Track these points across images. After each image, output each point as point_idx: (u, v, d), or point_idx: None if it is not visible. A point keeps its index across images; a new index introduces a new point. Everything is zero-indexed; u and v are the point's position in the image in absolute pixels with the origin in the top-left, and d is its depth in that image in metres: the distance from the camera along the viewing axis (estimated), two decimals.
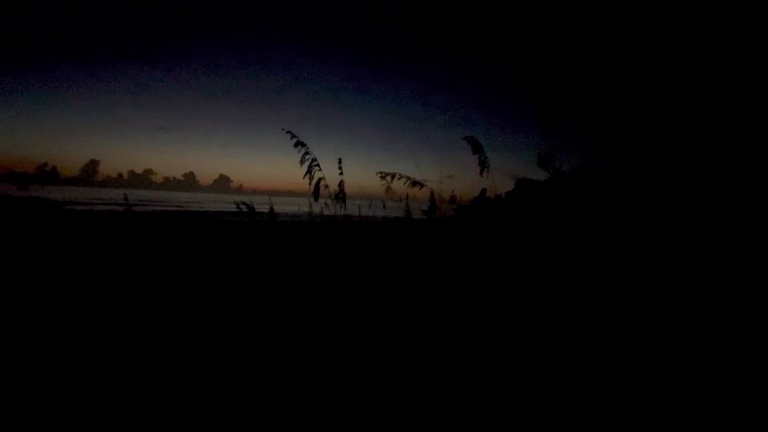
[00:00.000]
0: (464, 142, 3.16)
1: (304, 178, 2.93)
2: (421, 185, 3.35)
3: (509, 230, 3.22)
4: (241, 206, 3.51)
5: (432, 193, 3.51)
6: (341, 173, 3.05)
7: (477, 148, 3.12)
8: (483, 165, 3.14)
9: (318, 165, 2.95)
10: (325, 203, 3.13)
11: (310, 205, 3.26)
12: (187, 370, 1.65)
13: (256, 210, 3.59)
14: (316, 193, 2.95)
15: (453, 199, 3.86)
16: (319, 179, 2.96)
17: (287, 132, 2.93)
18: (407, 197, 3.66)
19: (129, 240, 3.26)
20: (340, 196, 3.04)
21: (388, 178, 3.29)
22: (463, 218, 3.74)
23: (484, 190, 3.72)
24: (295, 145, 2.92)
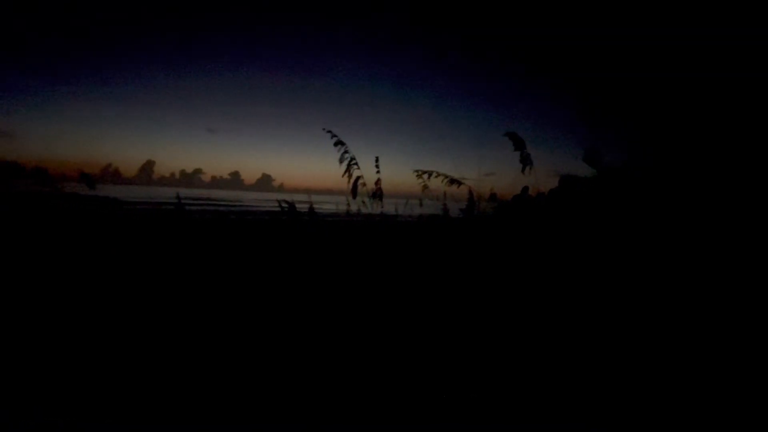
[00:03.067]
0: (505, 138, 3.07)
1: (342, 176, 2.98)
2: (459, 183, 3.29)
3: (552, 229, 3.08)
4: (283, 204, 3.63)
5: (470, 191, 3.44)
6: (378, 171, 3.08)
7: (518, 144, 3.02)
8: (525, 162, 3.02)
9: (356, 164, 3.00)
10: (363, 201, 3.17)
11: (348, 204, 3.31)
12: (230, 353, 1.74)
13: (297, 208, 3.70)
14: (354, 192, 3.00)
15: (492, 197, 3.76)
16: (357, 178, 3.00)
17: (327, 131, 2.99)
18: (444, 196, 3.62)
19: (180, 236, 3.48)
20: (377, 194, 3.07)
21: (425, 177, 3.26)
22: (503, 217, 3.63)
23: (525, 188, 3.59)
24: (335, 144, 2.98)
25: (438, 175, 3.25)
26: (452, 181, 3.26)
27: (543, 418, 1.46)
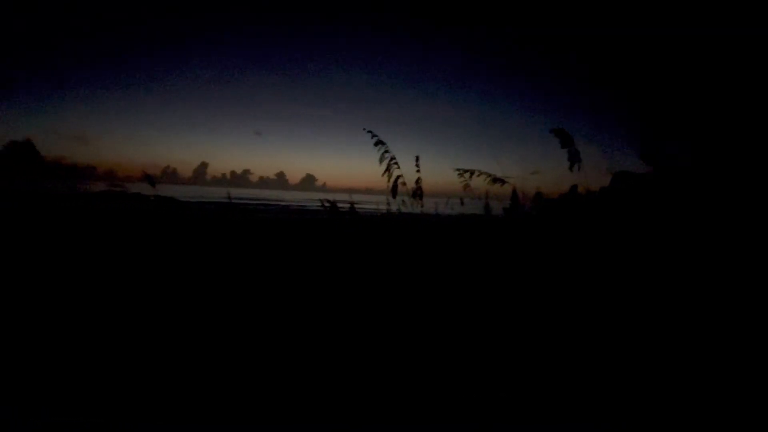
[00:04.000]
0: (552, 134, 2.94)
1: (383, 175, 3.01)
2: (502, 182, 3.20)
3: (604, 230, 2.90)
4: (325, 204, 3.74)
5: (514, 190, 3.33)
6: (418, 171, 3.07)
7: (566, 141, 2.87)
8: (573, 159, 2.88)
9: (396, 163, 3.01)
10: (403, 201, 3.18)
11: (388, 203, 3.33)
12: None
13: (338, 207, 3.79)
14: (394, 191, 3.02)
15: (538, 196, 3.62)
16: (398, 177, 3.02)
17: (368, 132, 3.04)
18: (487, 195, 3.53)
19: (230, 234, 3.69)
20: (417, 193, 3.06)
21: (467, 175, 3.21)
22: (550, 216, 3.48)
23: (574, 187, 3.40)
24: (375, 144, 3.02)
25: (480, 173, 3.19)
26: (495, 179, 3.18)
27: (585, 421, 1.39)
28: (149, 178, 3.47)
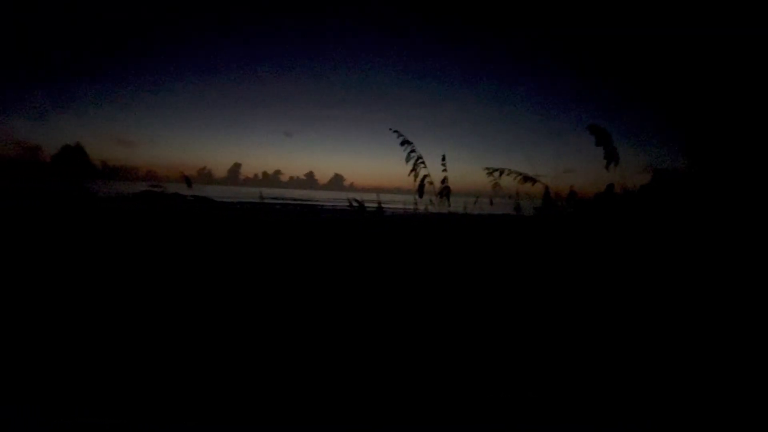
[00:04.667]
0: (587, 132, 2.81)
1: (409, 175, 3.00)
2: (534, 181, 3.10)
3: (644, 231, 2.75)
4: (352, 203, 3.77)
5: (546, 189, 3.21)
6: (445, 170, 3.03)
7: (602, 139, 2.74)
8: (610, 157, 2.74)
9: (423, 162, 2.99)
10: (430, 200, 3.15)
11: (415, 202, 3.31)
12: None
13: (366, 206, 3.81)
14: (420, 190, 3.00)
15: (572, 195, 3.47)
16: (424, 176, 2.99)
17: (394, 131, 3.03)
18: (517, 194, 3.44)
19: (262, 233, 3.80)
20: (444, 192, 3.03)
21: (496, 174, 3.13)
22: (584, 216, 3.33)
23: (610, 186, 3.24)
24: (402, 144, 3.01)
25: (510, 172, 3.10)
26: (526, 178, 3.09)
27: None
28: (186, 179, 3.63)
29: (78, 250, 2.95)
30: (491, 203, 3.82)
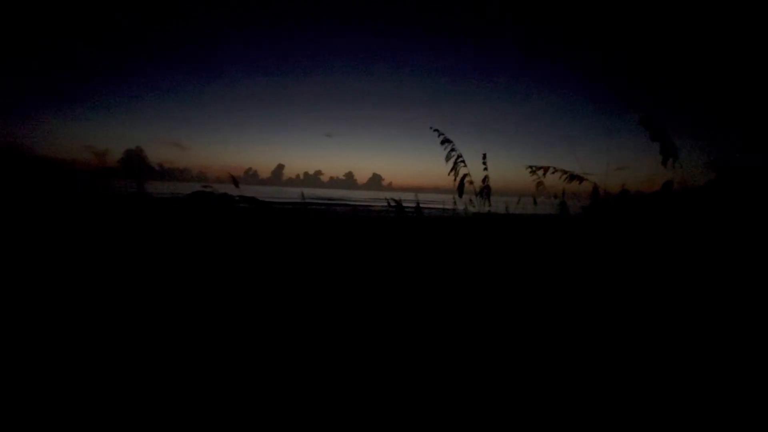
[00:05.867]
0: (639, 125, 2.62)
1: (449, 174, 2.96)
2: (581, 179, 2.95)
3: (707, 232, 2.52)
4: (390, 203, 3.79)
5: (595, 188, 3.04)
6: (486, 168, 2.96)
7: (658, 133, 2.54)
8: (667, 153, 2.53)
9: (463, 161, 2.94)
10: (470, 200, 3.10)
11: (454, 202, 3.26)
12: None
13: (404, 206, 3.81)
14: (460, 190, 2.95)
15: (624, 194, 3.25)
16: (464, 175, 2.94)
17: (434, 130, 3.01)
18: (563, 193, 3.28)
19: (305, 231, 3.92)
20: (485, 192, 2.96)
21: (540, 173, 3.01)
22: (638, 216, 3.11)
23: (668, 183, 2.99)
24: (442, 143, 2.98)
25: (555, 170, 2.97)
26: (572, 176, 2.94)
27: None
28: (234, 180, 3.81)
29: (163, 245, 3.18)
30: (535, 203, 3.68)
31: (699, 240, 2.48)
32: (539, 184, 3.08)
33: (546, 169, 2.99)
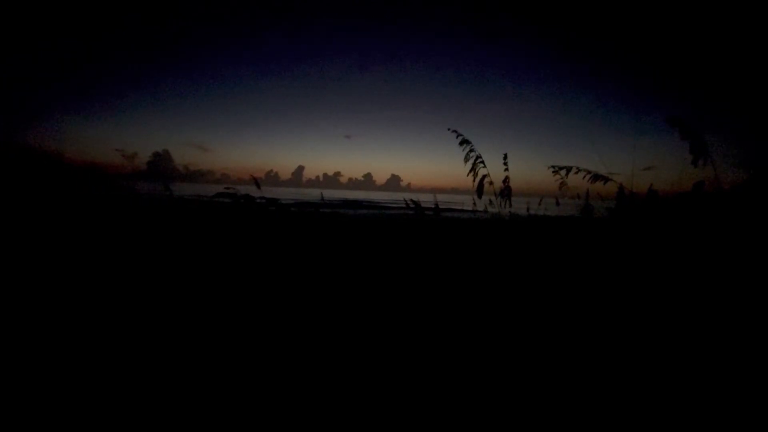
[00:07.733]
0: (666, 124, 2.52)
1: (468, 175, 2.94)
2: (605, 180, 2.86)
3: (741, 235, 2.40)
4: (409, 203, 3.79)
5: (620, 188, 2.94)
6: (506, 169, 2.92)
7: (688, 132, 2.44)
8: (698, 152, 2.43)
9: (482, 162, 2.91)
10: (489, 201, 3.06)
11: (474, 203, 3.23)
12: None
13: (423, 207, 3.81)
14: (479, 191, 2.92)
15: (652, 194, 3.14)
16: (483, 176, 2.91)
17: (453, 131, 2.99)
18: (587, 194, 3.20)
19: (322, 233, 3.97)
20: (505, 193, 2.92)
21: (562, 173, 2.95)
22: (666, 218, 3.00)
23: (699, 184, 2.86)
24: (460, 144, 2.96)
25: (578, 170, 2.90)
26: (596, 176, 2.85)
27: None
28: (255, 181, 3.91)
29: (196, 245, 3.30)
30: (557, 203, 3.60)
31: (734, 244, 2.37)
32: (562, 184, 3.01)
33: (569, 170, 2.92)
